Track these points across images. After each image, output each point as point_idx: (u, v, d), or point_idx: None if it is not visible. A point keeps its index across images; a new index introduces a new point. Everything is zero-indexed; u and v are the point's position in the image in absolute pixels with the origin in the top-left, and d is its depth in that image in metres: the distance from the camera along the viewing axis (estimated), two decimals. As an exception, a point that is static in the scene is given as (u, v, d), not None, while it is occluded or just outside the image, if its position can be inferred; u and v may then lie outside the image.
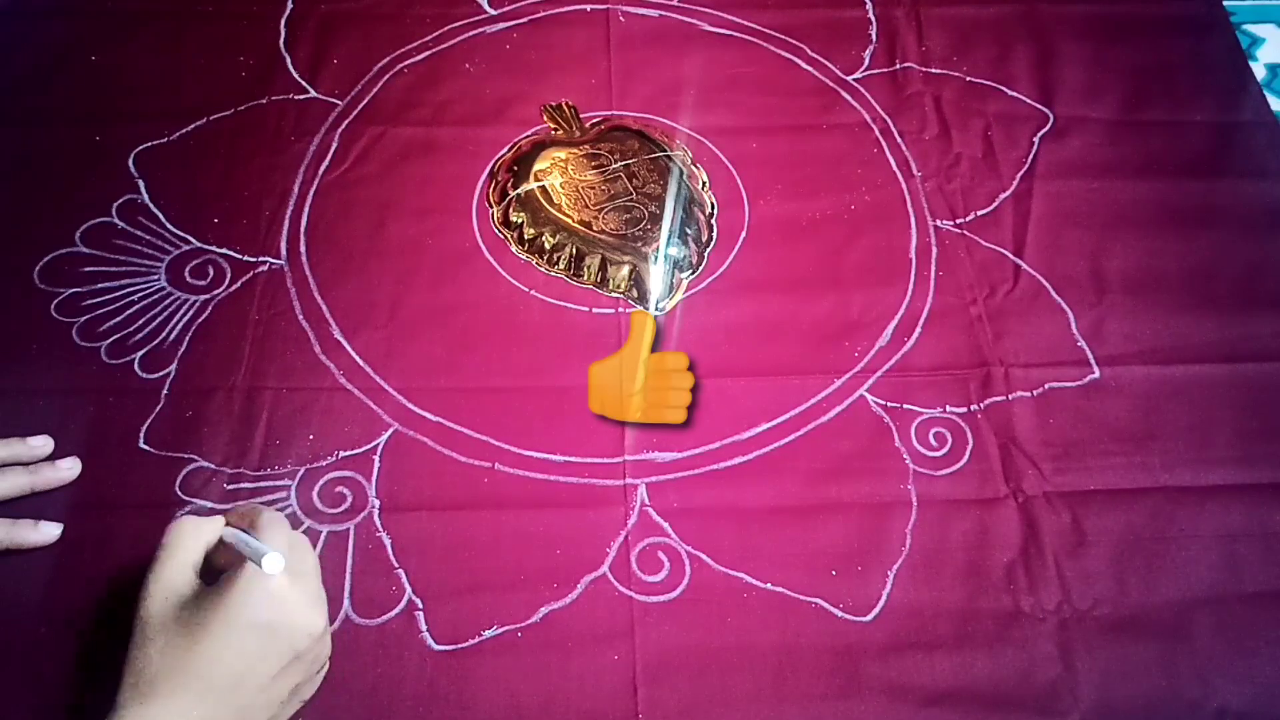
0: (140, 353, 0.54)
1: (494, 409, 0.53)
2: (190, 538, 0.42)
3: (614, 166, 0.62)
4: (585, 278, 0.58)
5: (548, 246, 0.59)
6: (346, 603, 0.47)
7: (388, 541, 0.49)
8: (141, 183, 0.60)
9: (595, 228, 0.59)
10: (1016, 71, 0.69)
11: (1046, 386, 0.55)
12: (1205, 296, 0.59)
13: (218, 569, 0.41)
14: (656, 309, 0.57)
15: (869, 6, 0.72)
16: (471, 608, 0.47)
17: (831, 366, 0.55)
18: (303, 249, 0.58)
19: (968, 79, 0.68)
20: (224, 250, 0.58)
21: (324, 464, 0.51)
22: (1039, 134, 0.65)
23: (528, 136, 0.64)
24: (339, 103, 0.65)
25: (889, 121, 0.66)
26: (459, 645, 0.46)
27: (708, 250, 0.60)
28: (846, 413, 0.54)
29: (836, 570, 0.49)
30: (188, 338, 0.55)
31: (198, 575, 0.41)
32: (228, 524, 0.43)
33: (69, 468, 0.50)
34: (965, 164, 0.64)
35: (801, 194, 0.62)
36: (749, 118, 0.66)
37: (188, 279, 0.57)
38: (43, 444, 0.50)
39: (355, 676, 0.45)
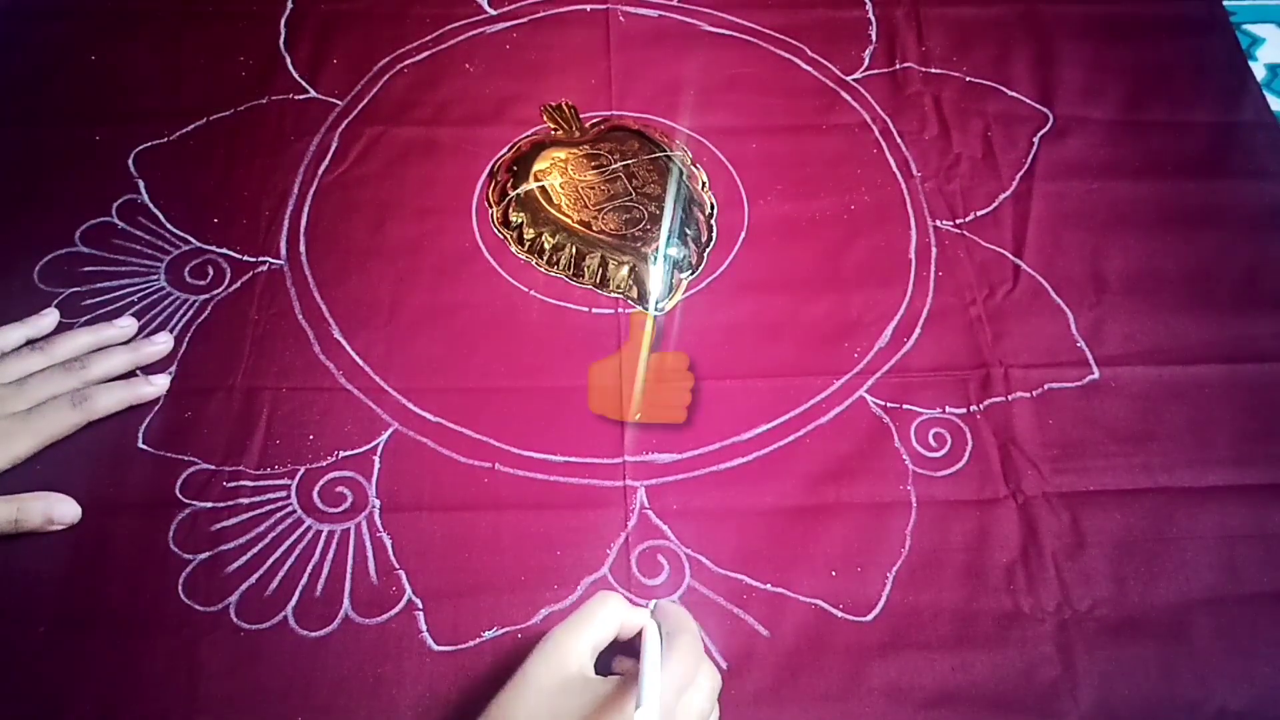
0: (140, 353, 0.54)
1: (494, 409, 0.53)
2: (606, 620, 0.40)
3: (614, 167, 0.62)
4: (585, 278, 0.58)
5: (547, 247, 0.59)
6: (346, 602, 0.47)
7: (388, 541, 0.49)
8: (141, 183, 0.60)
9: (595, 228, 0.59)
10: (1016, 71, 0.69)
11: (1046, 387, 0.55)
12: (1205, 296, 0.59)
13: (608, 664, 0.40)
14: (656, 309, 0.57)
15: (869, 6, 0.72)
16: (472, 608, 0.47)
17: (831, 367, 0.55)
18: (302, 249, 0.58)
19: (967, 79, 0.68)
20: (224, 250, 0.58)
21: (324, 464, 0.51)
22: (1039, 134, 0.65)
23: (528, 136, 0.64)
24: (339, 103, 0.65)
25: (889, 122, 0.66)
26: (459, 646, 0.46)
27: (707, 250, 0.60)
28: (846, 414, 0.54)
29: (836, 571, 0.49)
30: (187, 338, 0.55)
31: (594, 657, 0.40)
32: (652, 616, 0.41)
33: (164, 342, 0.53)
34: (965, 164, 0.64)
35: (801, 194, 0.62)
36: (749, 118, 0.66)
37: (187, 279, 0.57)
38: (129, 324, 0.54)
39: (355, 677, 0.45)
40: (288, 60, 0.66)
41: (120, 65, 0.66)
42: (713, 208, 0.62)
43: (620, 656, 0.43)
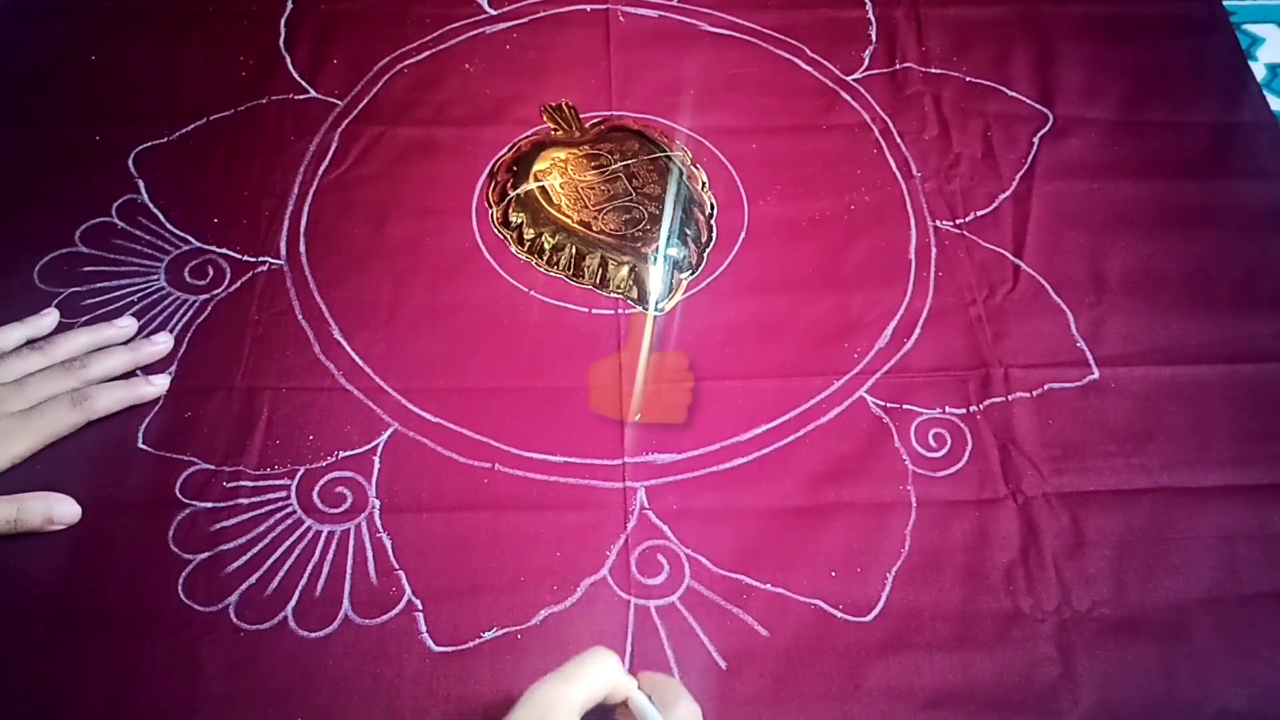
0: (140, 353, 0.54)
1: (494, 409, 0.53)
2: (599, 678, 0.38)
3: (614, 167, 0.62)
4: (585, 278, 0.58)
5: (547, 247, 0.59)
6: (346, 603, 0.47)
7: (388, 542, 0.49)
8: (141, 183, 0.60)
9: (595, 228, 0.59)
10: (1016, 71, 0.69)
11: (1046, 387, 0.55)
12: (1205, 296, 0.59)
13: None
14: (656, 309, 0.57)
15: (869, 6, 0.72)
16: (471, 609, 0.47)
17: (831, 367, 0.55)
18: (302, 249, 0.58)
19: (967, 79, 0.68)
20: (224, 250, 0.58)
21: (324, 464, 0.51)
22: (1039, 134, 0.65)
23: (528, 137, 0.64)
24: (339, 103, 0.65)
25: (889, 122, 0.66)
26: (459, 646, 0.46)
27: (707, 250, 0.60)
28: (846, 414, 0.54)
29: (836, 571, 0.49)
30: (187, 338, 0.55)
31: (581, 715, 0.37)
32: (639, 686, 0.40)
33: (164, 342, 0.53)
34: (965, 164, 0.64)
35: (801, 194, 0.62)
36: (749, 118, 0.66)
37: (187, 279, 0.57)
38: (129, 324, 0.54)
39: (354, 677, 0.45)
40: (288, 60, 0.66)
41: (120, 65, 0.66)
42: (713, 208, 0.61)
43: None
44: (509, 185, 0.61)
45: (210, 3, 0.69)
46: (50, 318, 0.54)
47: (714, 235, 0.60)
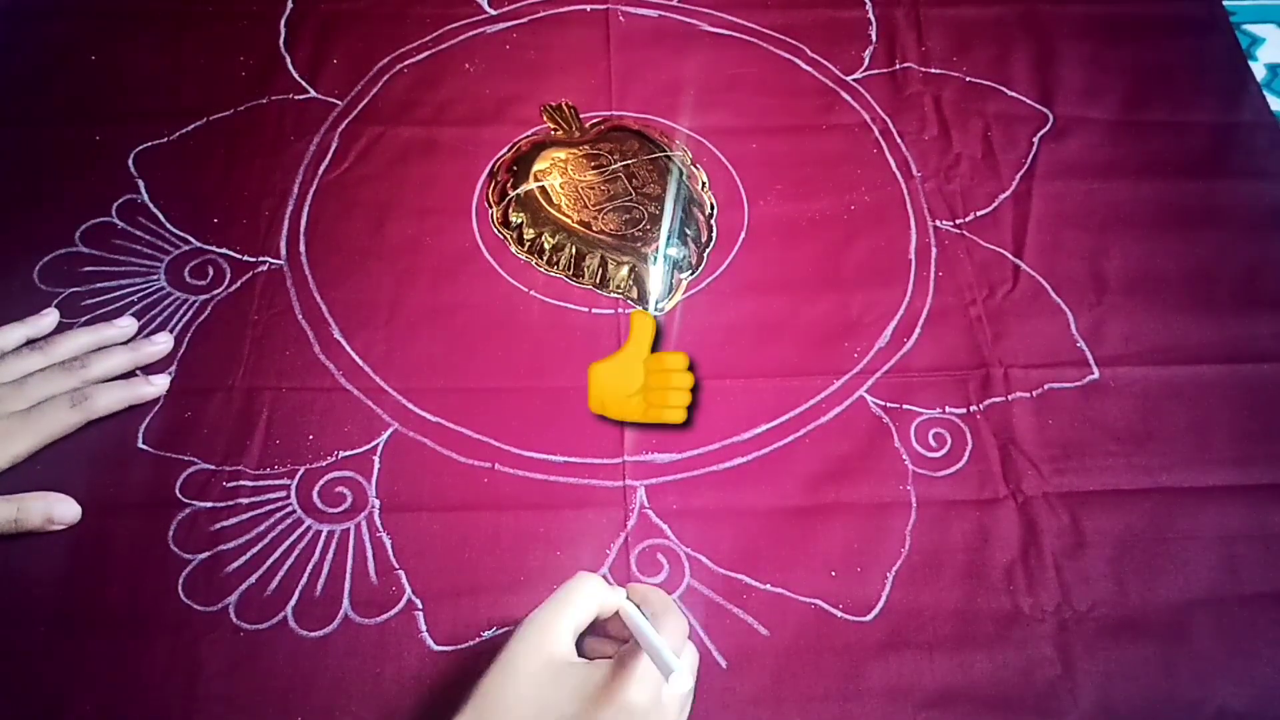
0: (140, 353, 0.54)
1: (494, 409, 0.53)
2: (587, 599, 0.41)
3: (613, 167, 0.62)
4: (585, 278, 0.58)
5: (547, 247, 0.59)
6: (346, 602, 0.47)
7: (388, 541, 0.49)
8: (141, 183, 0.60)
9: (595, 228, 0.59)
10: (1016, 71, 0.69)
11: (1046, 387, 0.55)
12: (1205, 296, 0.59)
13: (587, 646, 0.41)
14: (656, 309, 0.57)
15: (869, 6, 0.72)
16: (471, 608, 0.47)
17: (831, 367, 0.55)
18: (302, 249, 0.58)
19: (967, 79, 0.68)
20: (224, 250, 0.58)
21: (324, 464, 0.51)
22: (1039, 134, 0.65)
23: (528, 136, 0.64)
24: (339, 103, 0.65)
25: (889, 122, 0.66)
26: (459, 646, 0.46)
27: (707, 250, 0.60)
28: (846, 413, 0.54)
29: (836, 571, 0.49)
30: (187, 338, 0.55)
31: (575, 638, 0.40)
32: (629, 596, 0.42)
33: (164, 342, 0.53)
34: (965, 164, 0.64)
35: (801, 194, 0.62)
36: (749, 118, 0.66)
37: (187, 279, 0.57)
38: (129, 324, 0.54)
39: (354, 676, 0.45)
40: (288, 60, 0.66)
41: (120, 65, 0.66)
42: (713, 208, 0.62)
43: (591, 639, 0.43)
44: (509, 185, 0.61)
45: (210, 3, 0.69)
46: (50, 318, 0.54)
47: (714, 235, 0.60)
